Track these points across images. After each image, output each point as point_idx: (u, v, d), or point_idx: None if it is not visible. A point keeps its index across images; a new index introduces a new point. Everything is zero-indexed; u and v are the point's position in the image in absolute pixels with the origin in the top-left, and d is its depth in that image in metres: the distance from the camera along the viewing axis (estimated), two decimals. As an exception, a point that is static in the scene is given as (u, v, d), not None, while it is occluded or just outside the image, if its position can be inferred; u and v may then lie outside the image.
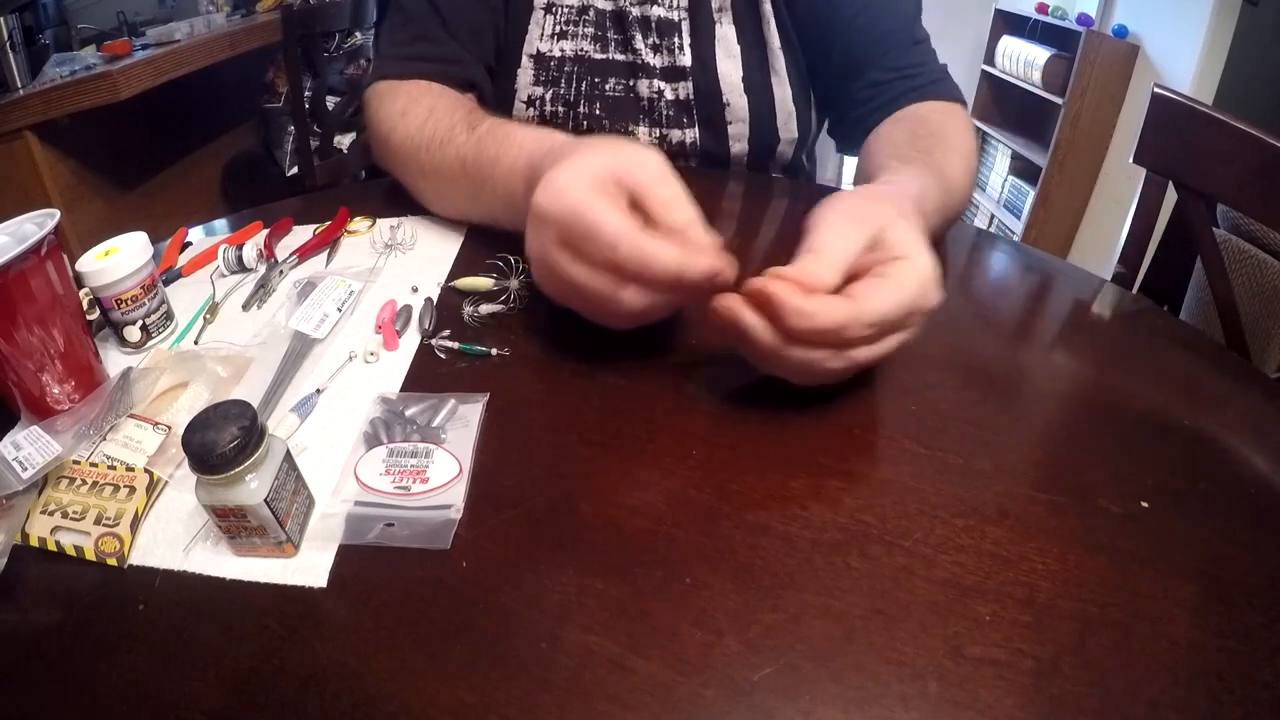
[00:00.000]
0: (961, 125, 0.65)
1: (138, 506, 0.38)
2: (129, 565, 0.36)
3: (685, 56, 0.74)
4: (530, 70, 0.76)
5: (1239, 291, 0.87)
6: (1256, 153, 0.67)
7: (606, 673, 0.30)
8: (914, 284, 0.40)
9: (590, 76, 0.76)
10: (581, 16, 0.76)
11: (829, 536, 0.36)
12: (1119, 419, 0.45)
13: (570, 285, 0.43)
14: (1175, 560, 0.35)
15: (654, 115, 0.77)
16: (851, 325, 0.38)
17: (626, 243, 0.40)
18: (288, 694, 0.30)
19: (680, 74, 0.75)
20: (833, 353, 0.39)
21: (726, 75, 0.74)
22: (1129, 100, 2.13)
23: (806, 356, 0.39)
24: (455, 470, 0.39)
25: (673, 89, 0.76)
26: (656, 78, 0.76)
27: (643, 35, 0.75)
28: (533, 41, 0.76)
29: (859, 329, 0.38)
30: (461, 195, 0.62)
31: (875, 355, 0.40)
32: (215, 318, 0.55)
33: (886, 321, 0.39)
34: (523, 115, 0.78)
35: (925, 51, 0.71)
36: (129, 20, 1.90)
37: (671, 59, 0.75)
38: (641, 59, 0.75)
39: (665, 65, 0.75)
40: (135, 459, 0.40)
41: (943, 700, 0.29)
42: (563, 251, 0.42)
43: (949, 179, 0.57)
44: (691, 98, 0.76)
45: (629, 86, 0.76)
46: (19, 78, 1.49)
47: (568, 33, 0.76)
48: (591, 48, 0.76)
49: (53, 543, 0.37)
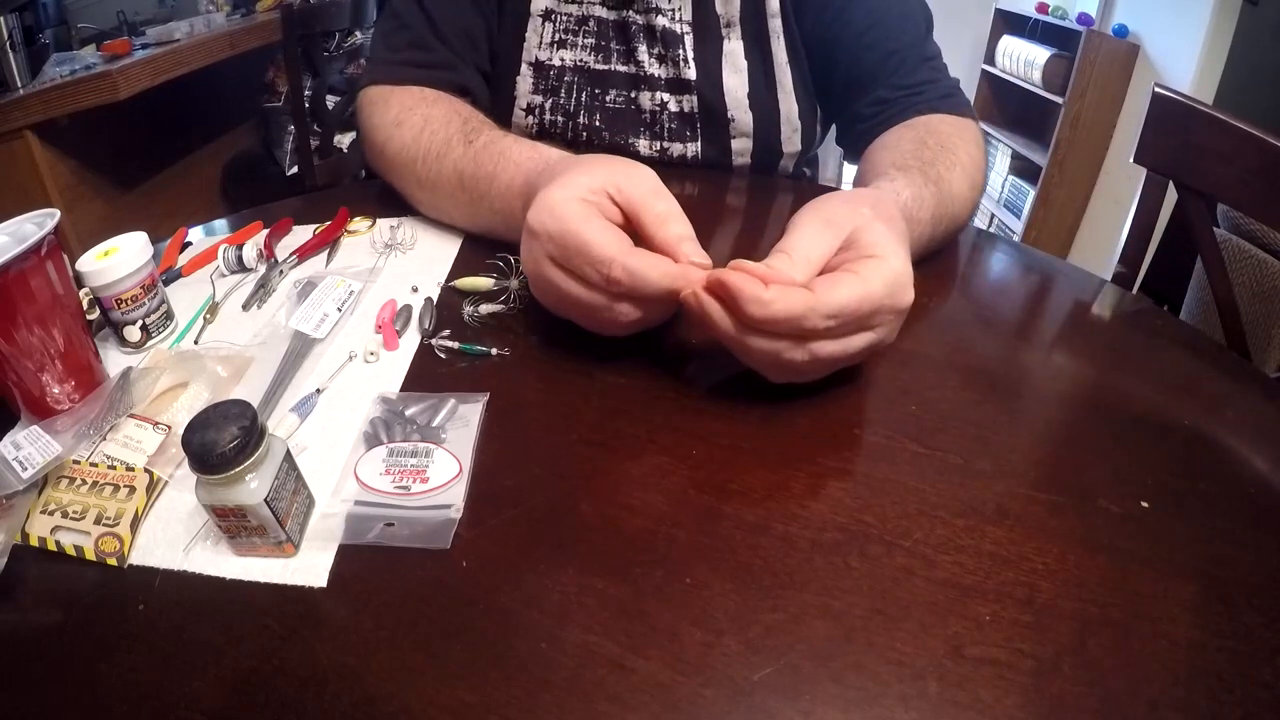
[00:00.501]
0: (971, 139, 0.63)
1: (138, 506, 0.38)
2: (129, 565, 0.36)
3: (690, 69, 0.73)
4: (530, 78, 0.76)
5: (1239, 291, 0.87)
6: (1256, 153, 0.67)
7: (606, 673, 0.30)
8: (879, 281, 0.39)
9: (591, 87, 0.76)
10: (582, 26, 0.75)
11: (829, 536, 0.36)
12: (1119, 419, 0.45)
13: (565, 299, 0.44)
14: (1175, 560, 0.35)
15: (655, 128, 0.76)
16: (809, 316, 0.38)
17: (619, 262, 0.41)
18: (288, 694, 0.30)
19: (685, 87, 0.74)
20: (792, 344, 0.39)
21: (732, 90, 0.73)
22: (1129, 100, 2.13)
23: (768, 347, 0.40)
24: (455, 470, 0.39)
25: (676, 101, 0.75)
26: (660, 89, 0.75)
27: (647, 46, 0.74)
28: (531, 49, 0.75)
29: (817, 320, 0.38)
30: (459, 208, 0.62)
31: (841, 352, 0.40)
32: (215, 318, 0.55)
33: (847, 314, 0.39)
34: (522, 123, 0.77)
35: (936, 68, 0.70)
36: (129, 20, 1.90)
37: (676, 71, 0.74)
38: (645, 70, 0.74)
39: (670, 77, 0.74)
40: (135, 459, 0.40)
41: (943, 700, 0.29)
42: (556, 268, 0.43)
43: (948, 190, 0.57)
44: (695, 110, 0.75)
45: (630, 98, 0.76)
46: (19, 77, 1.49)
47: (567, 42, 0.75)
48: (592, 58, 0.75)
49: (53, 543, 0.37)
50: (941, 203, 0.56)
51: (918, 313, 0.54)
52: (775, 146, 0.77)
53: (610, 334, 0.46)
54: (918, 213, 0.53)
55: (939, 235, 0.58)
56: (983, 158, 0.64)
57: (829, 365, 0.41)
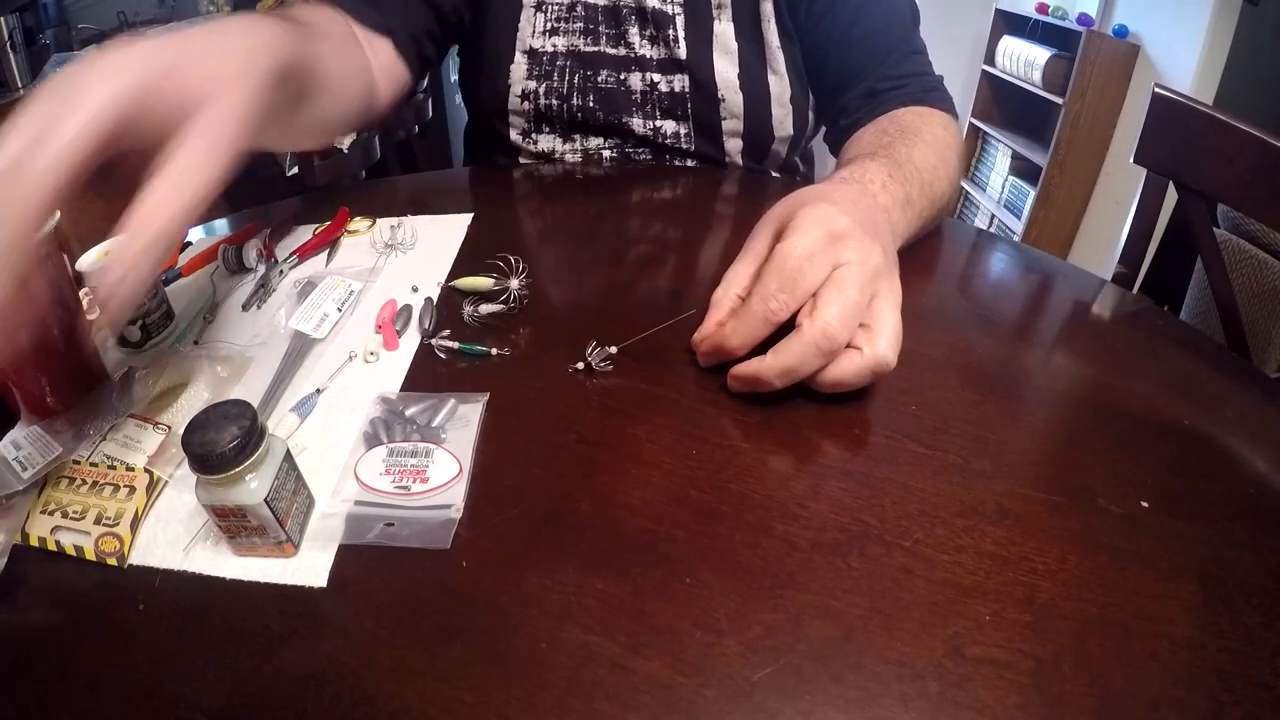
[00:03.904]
0: (937, 123, 0.65)
1: (138, 506, 0.38)
2: (129, 565, 0.36)
3: (681, 50, 0.75)
4: (524, 65, 0.77)
5: (1239, 291, 0.87)
6: (1256, 153, 0.67)
7: (606, 673, 0.30)
8: (806, 227, 0.42)
9: (583, 69, 0.77)
10: (570, 13, 0.77)
11: (829, 536, 0.36)
12: (1119, 419, 0.45)
13: None
14: (1175, 560, 0.35)
15: (647, 107, 0.78)
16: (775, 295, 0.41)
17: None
18: (288, 694, 0.30)
19: (677, 66, 0.75)
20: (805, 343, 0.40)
21: (722, 72, 0.75)
22: (1129, 100, 2.13)
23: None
24: (455, 470, 0.39)
25: (667, 81, 0.76)
26: (652, 70, 0.76)
27: (639, 27, 0.75)
28: (525, 39, 0.77)
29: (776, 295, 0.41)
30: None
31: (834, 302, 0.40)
32: (215, 318, 0.55)
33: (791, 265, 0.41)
34: (519, 108, 0.79)
35: (923, 61, 0.72)
36: (129, 20, 1.90)
37: (668, 51, 0.75)
38: (636, 52, 0.76)
39: (662, 58, 0.76)
40: (135, 459, 0.40)
41: (943, 700, 0.29)
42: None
43: (910, 163, 0.57)
44: (686, 90, 0.76)
45: (620, 79, 0.77)
46: (19, 78, 1.49)
47: (559, 29, 0.77)
48: (582, 41, 0.77)
49: (53, 542, 0.37)
50: (898, 166, 0.55)
51: (918, 312, 0.54)
52: (766, 128, 0.77)
53: None
54: (870, 186, 0.52)
55: (912, 201, 0.56)
56: (952, 140, 0.65)
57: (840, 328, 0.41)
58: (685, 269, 0.62)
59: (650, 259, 0.63)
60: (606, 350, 0.47)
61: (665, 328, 0.48)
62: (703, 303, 0.47)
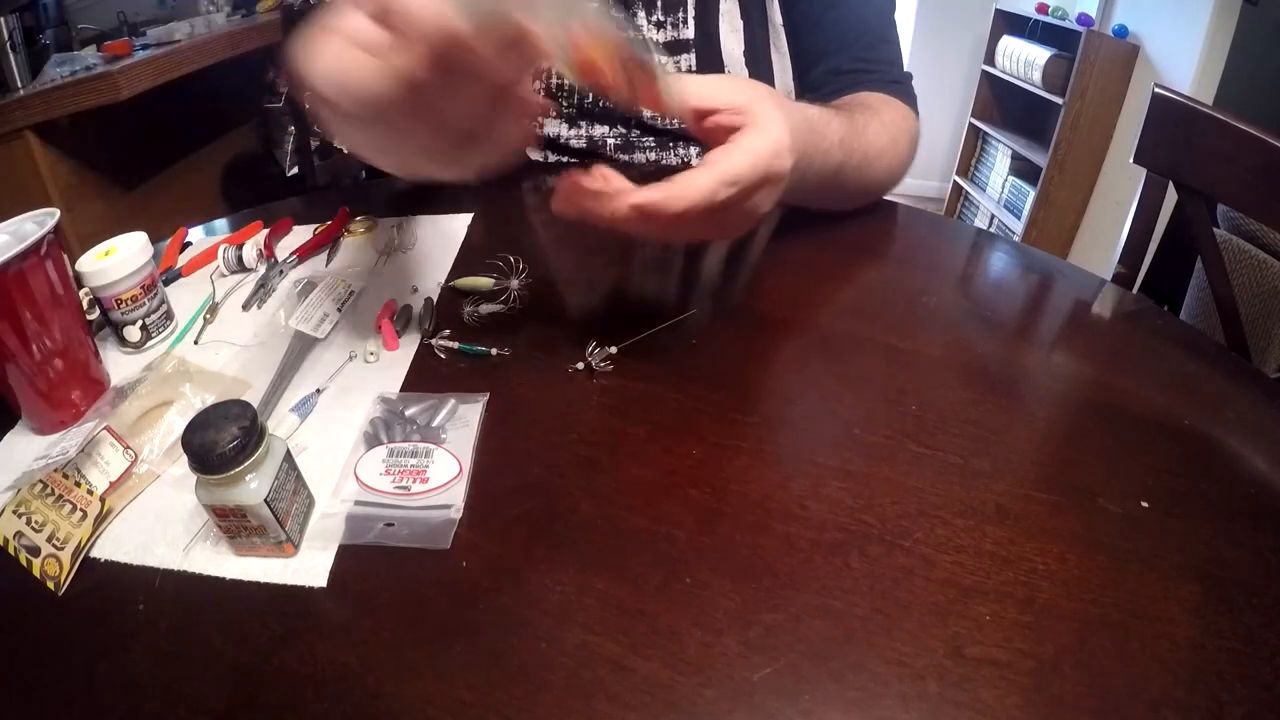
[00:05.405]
0: (899, 112, 0.65)
1: (82, 537, 0.37)
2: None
3: (689, 29, 0.75)
4: None
5: (1239, 291, 0.87)
6: (1256, 153, 0.67)
7: (606, 673, 0.30)
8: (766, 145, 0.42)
9: None
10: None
11: (829, 536, 0.36)
12: (1119, 419, 0.45)
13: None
14: (1175, 560, 0.35)
15: None
16: (719, 190, 0.40)
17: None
18: (288, 694, 0.30)
19: (684, 46, 0.76)
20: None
21: (730, 50, 0.75)
22: (1129, 100, 2.13)
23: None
24: (455, 470, 0.39)
25: (674, 62, 0.77)
26: (658, 52, 0.76)
27: (646, 12, 0.76)
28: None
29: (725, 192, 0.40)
30: None
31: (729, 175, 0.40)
32: (215, 317, 0.55)
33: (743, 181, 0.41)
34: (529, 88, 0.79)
35: (894, 52, 0.72)
36: (129, 20, 1.90)
37: (675, 33, 0.76)
38: (642, 35, 0.76)
39: (669, 40, 0.76)
40: (99, 482, 0.39)
41: (943, 700, 0.29)
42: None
43: (862, 130, 0.58)
44: (694, 69, 0.76)
45: None
46: (19, 78, 1.49)
47: None
48: None
49: (13, 546, 0.36)
50: (854, 135, 0.56)
51: (918, 312, 0.54)
52: None
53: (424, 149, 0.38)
54: (824, 128, 0.53)
55: (850, 166, 0.57)
56: (909, 129, 0.66)
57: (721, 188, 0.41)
58: (686, 269, 0.62)
59: (650, 259, 0.63)
60: (606, 350, 0.47)
61: (665, 328, 0.48)
62: (703, 303, 0.47)
